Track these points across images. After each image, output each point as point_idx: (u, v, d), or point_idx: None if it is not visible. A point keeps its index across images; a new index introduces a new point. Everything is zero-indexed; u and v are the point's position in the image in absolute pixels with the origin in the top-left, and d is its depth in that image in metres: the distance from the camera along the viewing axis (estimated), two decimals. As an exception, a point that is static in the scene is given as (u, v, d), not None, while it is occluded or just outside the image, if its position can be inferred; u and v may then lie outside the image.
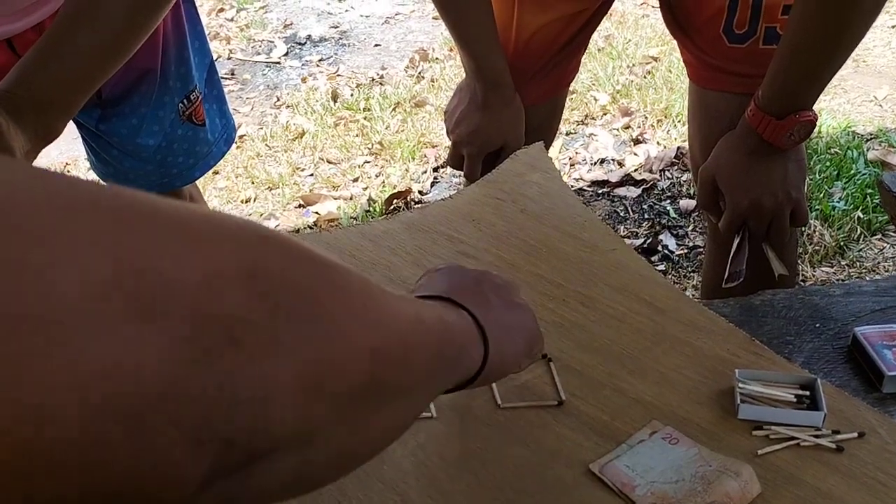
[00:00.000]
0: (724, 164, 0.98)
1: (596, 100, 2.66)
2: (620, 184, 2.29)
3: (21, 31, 0.91)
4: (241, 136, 2.67)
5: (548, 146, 1.31)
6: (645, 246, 2.04)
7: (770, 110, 0.91)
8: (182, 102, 1.11)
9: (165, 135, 1.11)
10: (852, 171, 2.17)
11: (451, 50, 3.16)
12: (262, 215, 2.30)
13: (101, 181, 1.23)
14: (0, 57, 0.92)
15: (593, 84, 2.74)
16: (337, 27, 3.53)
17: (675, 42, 1.13)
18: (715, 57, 1.03)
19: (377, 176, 2.42)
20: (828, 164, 2.22)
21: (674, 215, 2.14)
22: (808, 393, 0.64)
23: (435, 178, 2.40)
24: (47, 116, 0.71)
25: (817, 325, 0.75)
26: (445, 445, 0.63)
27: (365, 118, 2.72)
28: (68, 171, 2.51)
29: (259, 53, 3.35)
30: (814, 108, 0.93)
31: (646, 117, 2.56)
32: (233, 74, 3.18)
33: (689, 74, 1.11)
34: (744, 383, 0.65)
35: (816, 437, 0.62)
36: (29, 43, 0.92)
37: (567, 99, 1.29)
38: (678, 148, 2.38)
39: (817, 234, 1.97)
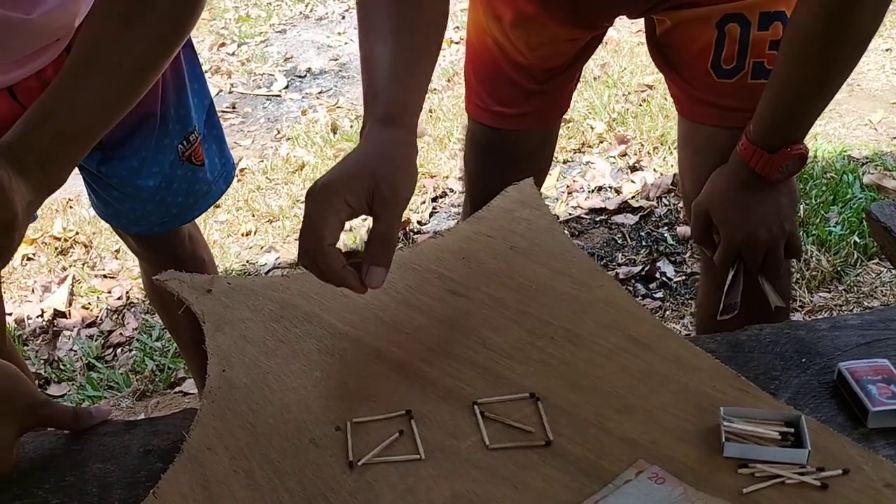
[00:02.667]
0: (717, 197, 0.99)
1: (592, 128, 2.69)
2: (618, 211, 2.31)
3: (22, 78, 0.93)
4: (241, 170, 2.70)
5: (543, 176, 1.32)
6: (643, 273, 2.05)
7: (761, 144, 0.92)
8: (181, 144, 1.13)
9: (165, 176, 1.13)
10: (848, 196, 2.19)
11: (448, 81, 3.20)
12: (262, 248, 2.32)
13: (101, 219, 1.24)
14: (2, 105, 0.94)
15: (589, 112, 2.76)
16: (336, 60, 3.58)
17: None
18: (703, 92, 1.05)
19: (376, 207, 2.44)
20: (823, 188, 2.23)
21: (671, 242, 2.15)
22: (792, 430, 0.65)
23: (434, 208, 2.42)
24: (50, 169, 0.71)
25: (803, 360, 0.75)
26: (434, 489, 0.63)
27: (364, 149, 2.74)
28: (71, 208, 2.53)
29: (260, 87, 3.39)
30: (808, 133, 0.94)
31: (642, 145, 2.58)
32: (234, 108, 3.22)
33: (678, 109, 1.12)
34: (729, 421, 0.66)
35: (801, 474, 0.62)
36: (30, 90, 0.94)
37: (563, 127, 1.30)
38: (674, 175, 2.40)
39: (814, 259, 1.98)
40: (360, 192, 0.69)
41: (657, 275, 2.04)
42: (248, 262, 2.27)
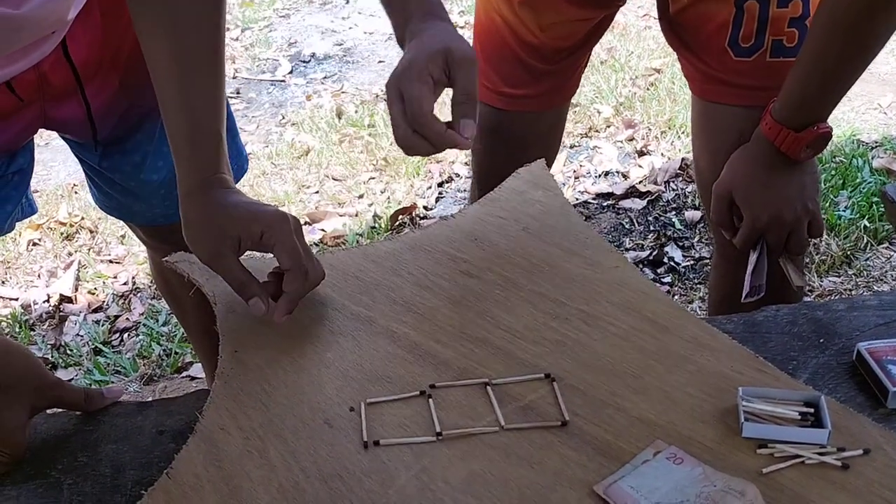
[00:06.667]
0: (740, 178, 0.98)
1: (599, 112, 2.67)
2: (625, 196, 2.29)
3: (19, 72, 0.90)
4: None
5: (552, 160, 1.31)
6: (651, 258, 2.04)
7: (788, 122, 0.91)
8: None
9: (170, 170, 1.10)
10: (858, 180, 2.17)
11: (454, 65, 3.17)
12: (268, 233, 2.31)
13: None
14: (0, 100, 0.91)
15: (596, 97, 2.75)
16: (341, 45, 3.56)
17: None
18: (720, 71, 1.03)
19: (382, 192, 2.43)
20: (833, 172, 2.22)
21: (679, 227, 2.14)
22: (812, 410, 0.64)
23: (440, 193, 2.41)
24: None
25: (821, 341, 0.75)
26: (449, 469, 0.63)
27: (369, 134, 2.73)
28: (76, 193, 2.53)
29: (264, 72, 3.37)
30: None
31: (649, 129, 2.56)
32: (238, 93, 3.20)
33: (693, 89, 1.11)
34: (748, 401, 0.65)
35: (821, 454, 0.61)
36: (28, 84, 0.91)
37: (570, 112, 1.29)
38: (682, 159, 2.38)
39: (823, 243, 1.96)
40: (439, 61, 0.75)
41: (665, 259, 2.03)
42: (254, 247, 2.26)
